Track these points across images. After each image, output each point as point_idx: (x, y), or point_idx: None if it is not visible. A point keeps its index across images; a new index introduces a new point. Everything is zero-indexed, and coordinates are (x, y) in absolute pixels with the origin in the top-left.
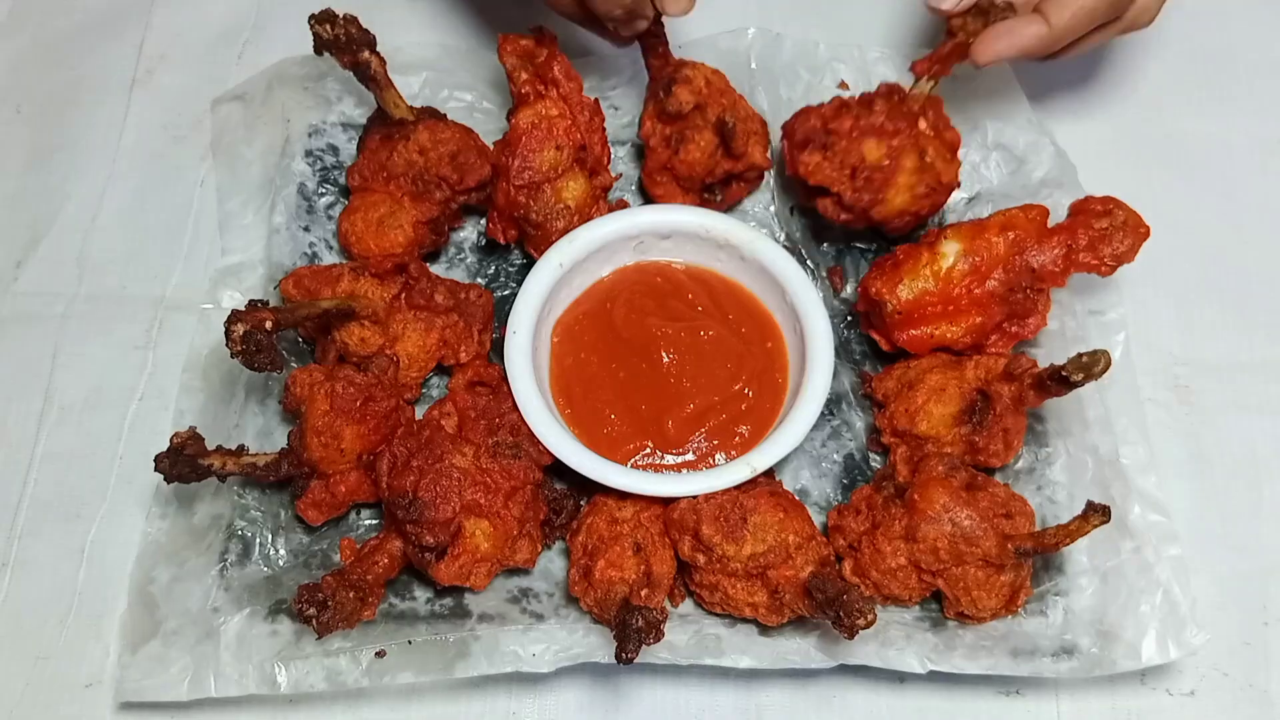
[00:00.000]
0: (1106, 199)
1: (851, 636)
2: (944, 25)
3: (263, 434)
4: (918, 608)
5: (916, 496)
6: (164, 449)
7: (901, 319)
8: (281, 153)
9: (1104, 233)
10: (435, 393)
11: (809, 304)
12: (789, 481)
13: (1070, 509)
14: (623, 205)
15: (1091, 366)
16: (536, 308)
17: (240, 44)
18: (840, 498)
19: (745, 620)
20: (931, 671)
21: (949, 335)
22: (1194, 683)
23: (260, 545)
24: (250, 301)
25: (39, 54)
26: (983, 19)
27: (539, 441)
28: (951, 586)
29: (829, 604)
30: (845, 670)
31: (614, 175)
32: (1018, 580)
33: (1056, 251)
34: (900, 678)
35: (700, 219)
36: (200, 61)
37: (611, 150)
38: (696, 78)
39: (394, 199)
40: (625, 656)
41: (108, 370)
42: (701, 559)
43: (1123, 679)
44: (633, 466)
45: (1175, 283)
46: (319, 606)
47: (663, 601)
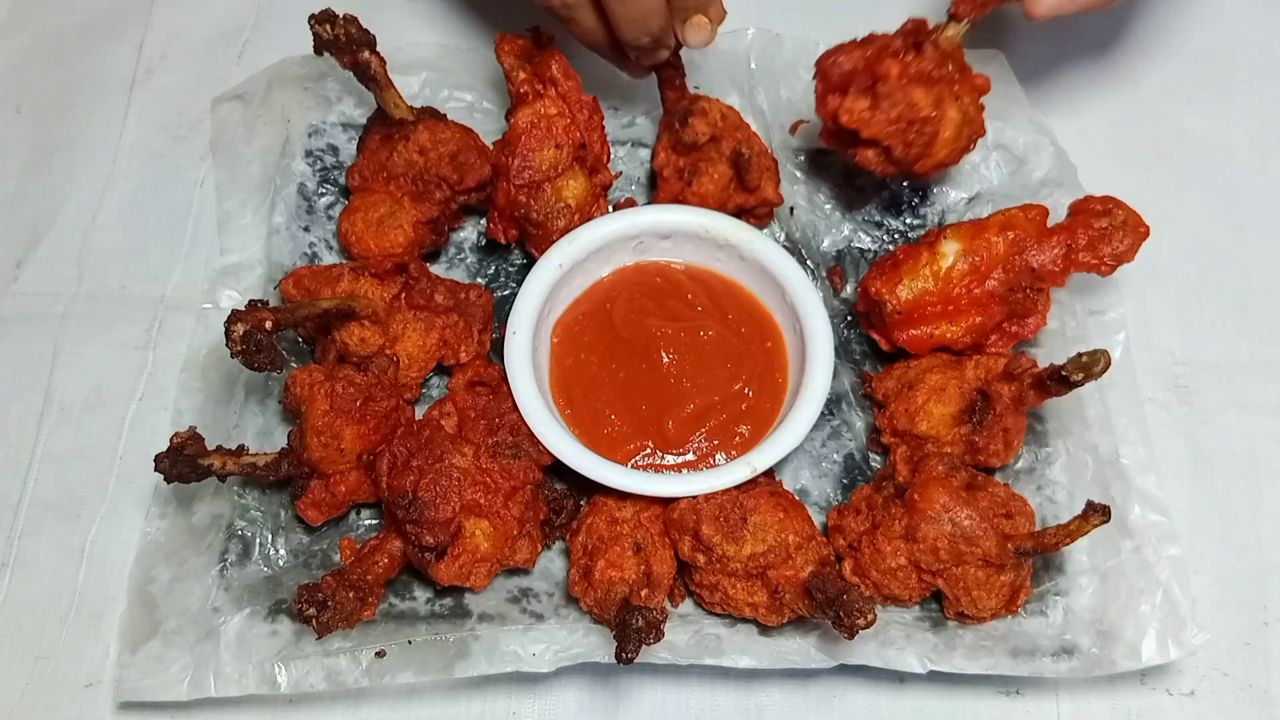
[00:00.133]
0: (1106, 199)
1: (851, 636)
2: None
3: (263, 434)
4: (918, 608)
5: (916, 496)
6: (164, 449)
7: (901, 319)
8: (281, 153)
9: (1104, 232)
10: (435, 393)
11: (809, 304)
12: (789, 481)
13: (1070, 509)
14: (631, 204)
15: (1091, 366)
16: (536, 308)
17: (240, 44)
18: (840, 498)
19: (745, 620)
20: (931, 671)
21: (949, 335)
22: (1194, 683)
23: (260, 545)
24: (250, 301)
25: (39, 54)
26: None
27: (539, 441)
28: (951, 586)
29: (829, 604)
30: (845, 670)
31: (614, 174)
32: (1018, 580)
33: (1056, 251)
34: (900, 678)
35: (700, 219)
36: (200, 61)
37: (611, 149)
38: (712, 111)
39: (394, 199)
40: (625, 656)
41: (108, 370)
42: (701, 559)
43: (1123, 679)
44: (633, 466)
45: (1175, 283)
46: (319, 606)
47: (663, 601)
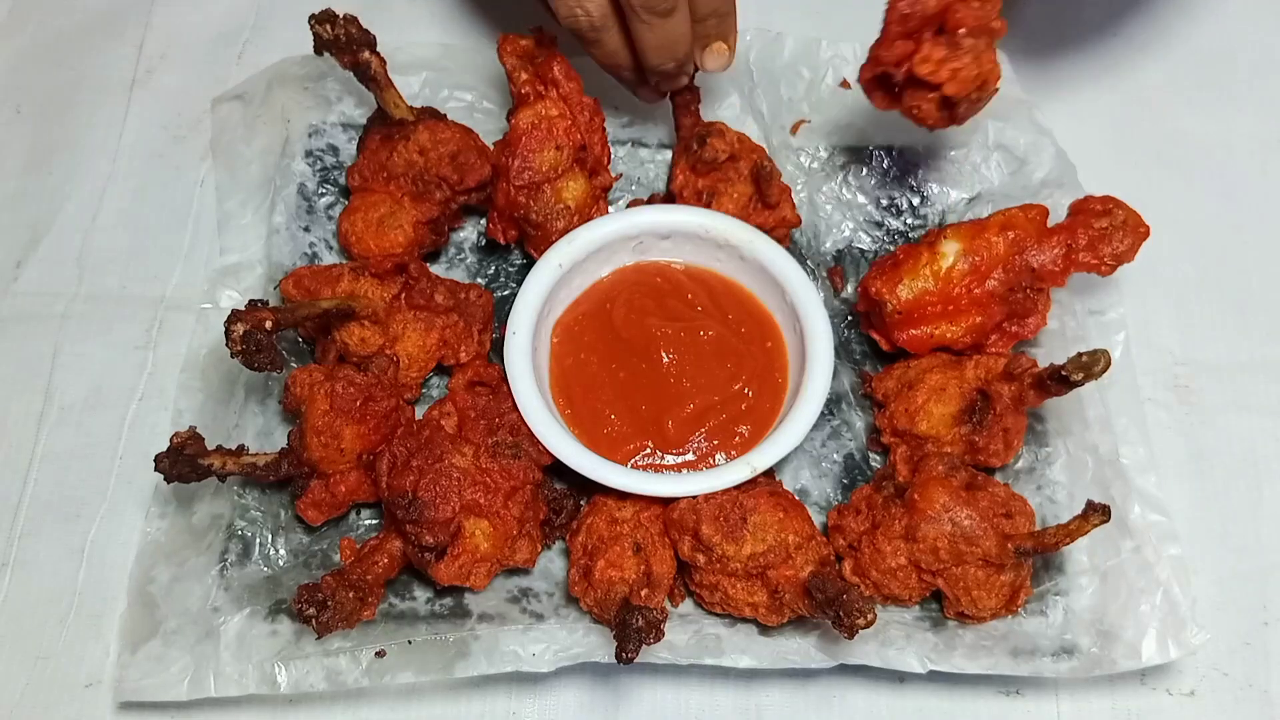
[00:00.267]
0: (1106, 199)
1: (851, 636)
2: None
3: (263, 434)
4: (918, 608)
5: (916, 496)
6: (164, 449)
7: (901, 319)
8: (281, 153)
9: (1104, 232)
10: (435, 393)
11: (809, 304)
12: (789, 481)
13: (1070, 509)
14: (638, 204)
15: (1091, 366)
16: (536, 308)
17: (240, 44)
18: (840, 498)
19: (745, 620)
20: (931, 671)
21: (949, 335)
22: (1194, 683)
23: (260, 545)
24: (250, 301)
25: (39, 54)
26: None
27: (539, 441)
28: (951, 586)
29: (829, 604)
30: (845, 670)
31: (614, 175)
32: (1018, 580)
33: (1056, 251)
34: (900, 678)
35: (700, 219)
36: (200, 61)
37: (611, 150)
38: (729, 133)
39: (394, 199)
40: (625, 656)
41: (108, 370)
42: (701, 559)
43: (1123, 679)
44: (633, 466)
45: (1175, 283)
46: (319, 606)
47: (663, 601)
